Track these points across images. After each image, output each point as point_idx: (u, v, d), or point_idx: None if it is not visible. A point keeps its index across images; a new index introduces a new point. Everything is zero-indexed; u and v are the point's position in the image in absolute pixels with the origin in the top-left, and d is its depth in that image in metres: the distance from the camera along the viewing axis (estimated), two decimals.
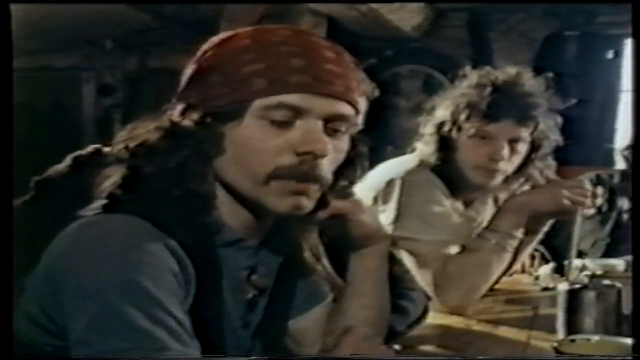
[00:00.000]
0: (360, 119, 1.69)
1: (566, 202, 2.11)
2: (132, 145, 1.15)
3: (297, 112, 1.13)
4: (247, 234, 1.21)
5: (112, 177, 1.12)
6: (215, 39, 1.20)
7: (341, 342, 1.22)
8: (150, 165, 1.12)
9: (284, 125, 1.13)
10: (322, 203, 1.22)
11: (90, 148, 1.21)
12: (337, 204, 1.26)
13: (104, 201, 1.11)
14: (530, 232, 2.21)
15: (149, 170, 1.12)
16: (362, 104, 1.23)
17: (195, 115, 1.15)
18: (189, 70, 1.20)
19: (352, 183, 1.28)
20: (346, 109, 1.17)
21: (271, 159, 1.13)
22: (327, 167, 1.17)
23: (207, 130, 1.14)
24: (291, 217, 1.21)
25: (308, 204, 1.17)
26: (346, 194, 1.28)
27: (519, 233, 2.15)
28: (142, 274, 1.03)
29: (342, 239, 1.34)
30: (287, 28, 1.19)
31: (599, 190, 2.23)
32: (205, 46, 1.20)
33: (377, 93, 1.66)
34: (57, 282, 1.05)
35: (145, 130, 1.17)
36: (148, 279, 1.03)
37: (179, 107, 1.17)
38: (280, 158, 1.13)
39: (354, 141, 1.24)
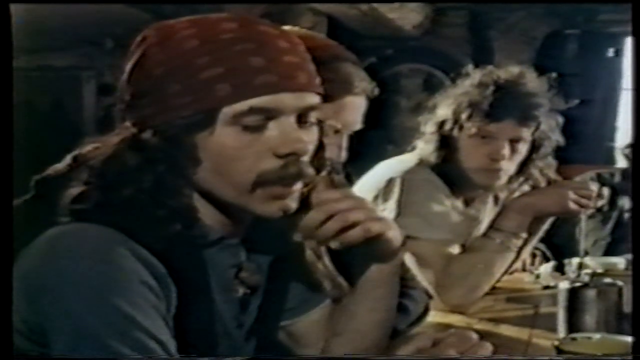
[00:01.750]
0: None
1: (572, 205, 2.12)
2: (95, 162, 1.11)
3: (269, 114, 1.09)
4: (226, 232, 1.18)
5: (78, 194, 1.09)
6: (149, 37, 1.12)
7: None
8: (121, 184, 1.08)
9: (258, 129, 1.09)
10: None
11: (90, 147, 1.20)
12: (371, 227, 1.18)
13: (70, 213, 1.08)
14: (531, 230, 2.21)
15: (122, 190, 1.08)
16: (322, 88, 1.17)
17: (156, 129, 1.09)
18: (132, 77, 1.12)
19: (320, 168, 1.21)
20: (313, 99, 1.13)
21: (252, 166, 1.09)
22: (308, 161, 1.14)
23: (175, 143, 1.09)
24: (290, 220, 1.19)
25: (294, 204, 1.14)
26: (332, 181, 1.24)
27: (524, 233, 2.15)
28: (114, 292, 1.00)
29: (362, 253, 1.27)
30: (231, 19, 1.12)
31: (604, 191, 2.23)
32: (140, 45, 1.12)
33: (377, 92, 1.66)
34: (33, 297, 1.03)
35: (107, 145, 1.12)
36: (121, 296, 1.00)
37: (131, 119, 1.12)
38: (262, 163, 1.09)
39: (321, 126, 1.20)
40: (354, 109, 1.62)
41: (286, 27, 1.23)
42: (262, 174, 1.10)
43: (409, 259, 2.07)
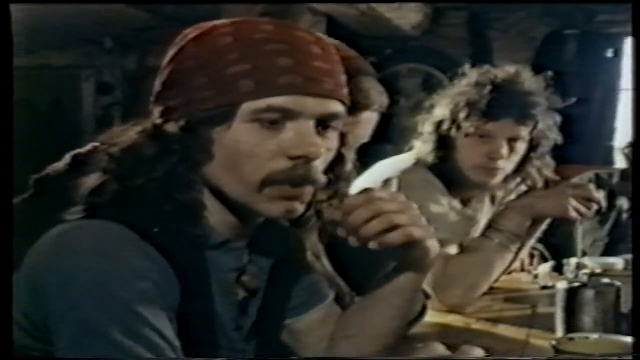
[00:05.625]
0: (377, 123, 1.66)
1: (572, 211, 2.12)
2: (115, 150, 1.12)
3: (288, 114, 1.09)
4: (233, 235, 1.18)
5: (93, 184, 1.09)
6: (190, 33, 1.14)
7: None
8: (136, 173, 1.09)
9: (275, 128, 1.09)
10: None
11: (90, 146, 1.20)
12: (413, 232, 1.17)
13: (86, 205, 1.08)
14: (529, 231, 2.21)
15: (135, 179, 1.09)
16: (349, 99, 1.18)
17: (179, 120, 1.10)
18: (166, 69, 1.14)
19: (339, 179, 1.22)
20: (337, 107, 1.13)
21: (264, 165, 1.09)
22: (320, 167, 1.13)
23: (193, 135, 1.10)
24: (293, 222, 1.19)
25: (300, 207, 1.14)
26: (339, 194, 1.22)
27: (522, 233, 2.15)
28: (121, 287, 1.01)
29: (394, 256, 1.25)
30: (269, 22, 1.13)
31: (601, 193, 2.23)
32: (180, 41, 1.15)
33: (387, 102, 1.65)
34: (38, 292, 1.04)
35: (129, 134, 1.13)
36: (127, 291, 1.01)
37: (159, 109, 1.13)
38: (273, 163, 1.09)
39: (342, 137, 1.20)
40: (369, 124, 1.63)
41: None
42: (272, 173, 1.10)
43: None
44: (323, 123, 1.13)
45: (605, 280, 1.66)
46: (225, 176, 1.12)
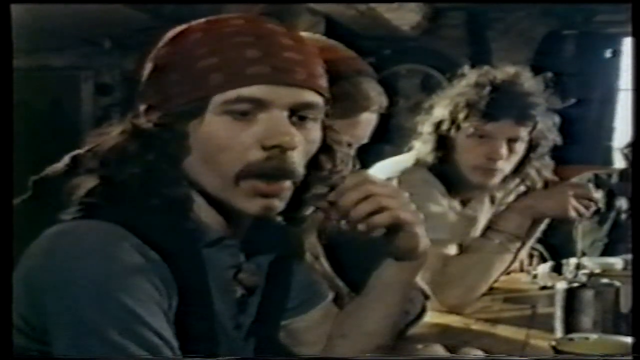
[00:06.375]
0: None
1: (572, 211, 2.12)
2: (100, 151, 1.13)
3: (259, 105, 1.09)
4: (227, 232, 1.18)
5: (83, 186, 1.10)
6: (169, 34, 1.16)
7: None
8: (119, 172, 1.10)
9: (247, 119, 1.09)
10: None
11: (89, 147, 1.20)
12: (400, 214, 1.17)
13: (82, 206, 1.08)
14: (528, 231, 2.22)
15: (120, 177, 1.09)
16: (327, 90, 1.17)
17: (155, 116, 1.11)
18: (146, 69, 1.16)
19: (333, 172, 1.21)
20: (311, 97, 1.13)
21: (239, 156, 1.09)
22: (298, 159, 1.12)
23: (169, 131, 1.10)
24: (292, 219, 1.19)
25: (279, 204, 1.14)
26: (337, 181, 1.21)
27: (522, 234, 2.15)
28: (118, 287, 1.01)
29: (383, 245, 1.25)
30: (240, 17, 1.14)
31: (599, 194, 2.24)
32: (160, 42, 1.16)
33: (386, 103, 1.65)
34: (35, 294, 1.04)
35: (111, 135, 1.14)
36: (124, 292, 1.01)
37: (142, 108, 1.14)
38: (247, 154, 1.09)
39: (326, 129, 1.19)
40: (368, 125, 1.63)
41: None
42: (247, 165, 1.10)
43: None
44: (298, 113, 1.12)
45: (605, 280, 1.66)
46: (203, 171, 1.12)
